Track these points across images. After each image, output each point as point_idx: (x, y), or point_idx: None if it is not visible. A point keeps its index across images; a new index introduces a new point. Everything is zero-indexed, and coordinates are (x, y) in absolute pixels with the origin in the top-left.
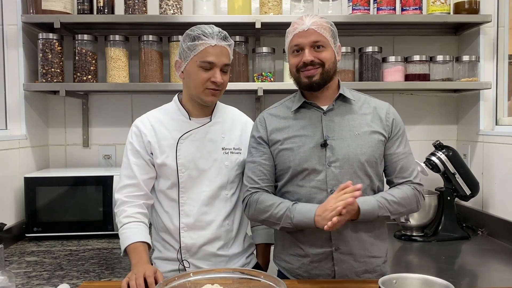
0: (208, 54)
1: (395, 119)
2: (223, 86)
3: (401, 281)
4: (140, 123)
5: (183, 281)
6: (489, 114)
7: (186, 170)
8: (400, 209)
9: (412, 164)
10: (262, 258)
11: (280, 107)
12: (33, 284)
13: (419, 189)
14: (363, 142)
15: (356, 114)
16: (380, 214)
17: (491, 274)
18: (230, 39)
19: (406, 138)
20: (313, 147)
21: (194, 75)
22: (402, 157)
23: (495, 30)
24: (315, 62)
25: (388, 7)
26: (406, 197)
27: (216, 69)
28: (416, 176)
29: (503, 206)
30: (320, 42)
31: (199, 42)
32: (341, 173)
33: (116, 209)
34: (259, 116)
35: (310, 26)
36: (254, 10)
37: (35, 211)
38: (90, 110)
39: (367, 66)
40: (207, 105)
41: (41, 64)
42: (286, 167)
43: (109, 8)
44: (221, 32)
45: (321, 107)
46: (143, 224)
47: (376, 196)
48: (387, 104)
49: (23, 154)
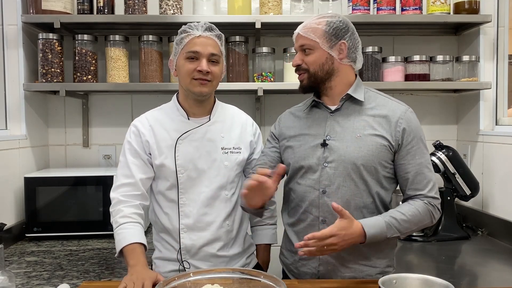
0: (193, 44)
1: (406, 128)
2: (213, 77)
3: (401, 281)
4: (139, 122)
5: (183, 281)
6: (489, 114)
7: (185, 170)
8: (412, 227)
9: (427, 176)
10: (262, 258)
11: (302, 106)
12: (33, 284)
13: (433, 203)
14: (362, 144)
15: (364, 115)
16: (390, 235)
17: (491, 274)
18: (217, 30)
19: (423, 148)
20: (313, 146)
21: (182, 67)
22: (415, 168)
23: (495, 30)
24: (301, 67)
25: (388, 7)
26: (418, 214)
27: (202, 59)
28: (431, 189)
29: (503, 206)
30: (306, 46)
31: (185, 35)
32: (334, 174)
33: (111, 208)
34: (283, 112)
35: (300, 31)
36: (254, 10)
37: (35, 211)
38: (90, 110)
39: (367, 66)
40: (199, 98)
41: (41, 64)
42: (288, 164)
43: (109, 8)
44: (206, 23)
45: (330, 107)
46: (140, 225)
47: (385, 216)
48: (405, 108)
49: (23, 154)
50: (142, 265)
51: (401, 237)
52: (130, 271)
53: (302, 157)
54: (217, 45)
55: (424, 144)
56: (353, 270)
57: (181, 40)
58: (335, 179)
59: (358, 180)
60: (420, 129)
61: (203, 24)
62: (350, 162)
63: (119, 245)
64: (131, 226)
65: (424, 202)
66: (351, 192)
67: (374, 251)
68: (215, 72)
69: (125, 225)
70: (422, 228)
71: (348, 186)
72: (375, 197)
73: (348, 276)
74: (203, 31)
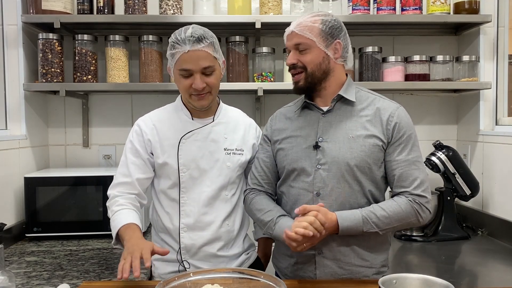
0: (184, 62)
1: (398, 123)
2: (211, 88)
3: (401, 281)
4: (142, 122)
5: (183, 281)
6: (489, 114)
7: (187, 170)
8: (393, 224)
9: (415, 173)
10: (262, 252)
11: (293, 106)
12: (33, 284)
13: (419, 201)
14: (355, 145)
15: (355, 116)
16: (366, 230)
17: (491, 274)
18: (207, 39)
19: (413, 144)
20: (305, 148)
21: (178, 82)
22: (402, 165)
23: (495, 30)
24: (297, 66)
25: (388, 7)
26: (400, 211)
27: (196, 75)
28: (418, 186)
29: (503, 206)
30: (302, 45)
31: (175, 51)
32: (328, 176)
33: (108, 202)
34: (274, 113)
35: (294, 28)
36: (254, 10)
37: (35, 211)
38: (90, 110)
39: (367, 66)
40: (200, 110)
41: (41, 64)
42: (281, 167)
43: (109, 8)
44: (193, 35)
45: (321, 108)
46: (135, 212)
47: (364, 210)
48: (395, 106)
49: (23, 154)
50: (137, 237)
51: (380, 233)
52: (126, 246)
53: (295, 159)
54: (209, 55)
55: (415, 142)
56: (350, 272)
57: (172, 55)
58: (329, 181)
59: (352, 181)
60: (412, 127)
61: (190, 37)
62: (344, 164)
63: (114, 230)
64: (126, 212)
65: (408, 200)
66: (345, 193)
67: (370, 251)
68: (211, 83)
69: (119, 211)
70: (409, 226)
71: (342, 187)
72: (369, 197)
73: (346, 278)
74: (191, 45)
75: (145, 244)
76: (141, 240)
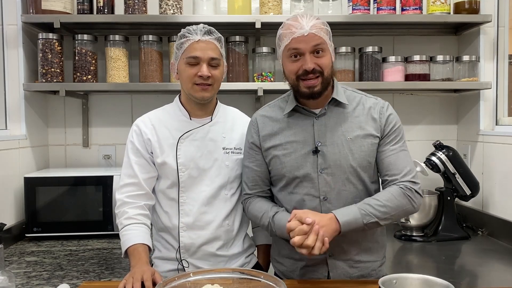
0: (193, 49)
1: (388, 116)
2: (214, 81)
3: (401, 281)
4: (141, 122)
5: (183, 281)
6: (489, 114)
7: (186, 169)
8: (391, 212)
9: (403, 161)
10: (263, 258)
11: (274, 108)
12: (33, 284)
13: (410, 186)
14: (355, 147)
15: (349, 117)
16: (366, 222)
17: (491, 274)
18: (216, 33)
19: (402, 135)
20: (304, 154)
21: (183, 72)
22: (391, 153)
23: (495, 30)
24: (316, 70)
25: (388, 7)
26: (393, 199)
27: (203, 64)
28: (407, 174)
29: (503, 206)
30: (321, 46)
31: (184, 40)
32: (333, 180)
33: (116, 210)
34: (252, 118)
35: (310, 30)
36: (254, 10)
37: (35, 211)
38: (90, 110)
39: (367, 66)
40: (201, 102)
41: (41, 64)
42: (280, 175)
43: (109, 8)
44: (205, 27)
45: (314, 112)
46: (145, 226)
47: (358, 204)
48: (382, 101)
49: (23, 154)
50: (142, 263)
51: (381, 223)
52: (131, 270)
53: (296, 166)
54: (217, 48)
55: (403, 133)
56: (360, 269)
57: (180, 45)
58: (335, 185)
59: (356, 181)
60: (399, 120)
61: (201, 28)
62: (347, 166)
63: (124, 247)
64: (135, 228)
65: (399, 187)
66: (352, 194)
67: (375, 244)
68: (215, 76)
69: (129, 226)
70: (405, 215)
71: (348, 189)
72: (373, 193)
73: (356, 275)
74: (202, 35)
75: (147, 268)
76: (145, 265)
